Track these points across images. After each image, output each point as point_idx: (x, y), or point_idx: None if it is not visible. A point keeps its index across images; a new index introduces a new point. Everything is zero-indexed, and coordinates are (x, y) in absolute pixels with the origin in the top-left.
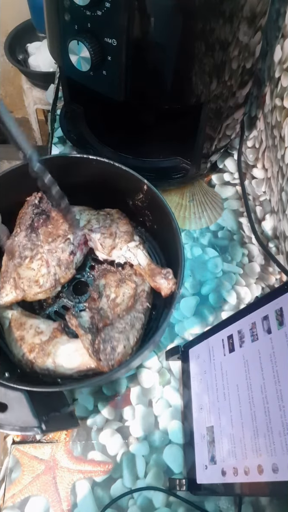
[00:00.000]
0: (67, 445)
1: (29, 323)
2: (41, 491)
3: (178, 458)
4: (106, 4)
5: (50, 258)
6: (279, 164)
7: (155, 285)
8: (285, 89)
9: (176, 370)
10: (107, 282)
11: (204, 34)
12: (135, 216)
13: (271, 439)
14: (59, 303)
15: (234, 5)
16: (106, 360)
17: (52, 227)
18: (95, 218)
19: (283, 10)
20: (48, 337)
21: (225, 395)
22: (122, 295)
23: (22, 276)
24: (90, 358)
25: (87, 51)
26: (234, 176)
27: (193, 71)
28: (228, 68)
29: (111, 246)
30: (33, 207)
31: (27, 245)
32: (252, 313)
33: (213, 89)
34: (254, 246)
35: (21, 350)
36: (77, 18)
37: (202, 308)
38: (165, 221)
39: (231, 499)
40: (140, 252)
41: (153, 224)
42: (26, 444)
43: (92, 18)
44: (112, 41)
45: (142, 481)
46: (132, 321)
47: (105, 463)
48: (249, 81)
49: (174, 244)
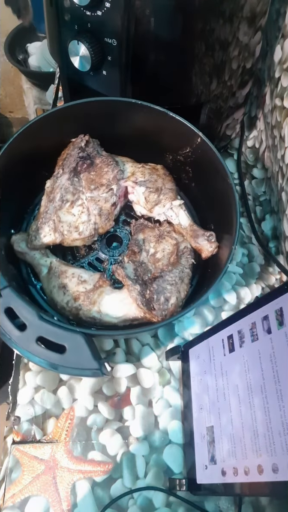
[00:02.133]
0: (67, 445)
1: (71, 272)
2: (41, 491)
3: (178, 458)
4: (106, 4)
5: (91, 207)
6: (279, 164)
7: (196, 246)
8: (285, 89)
9: (176, 370)
10: (146, 237)
11: (204, 34)
12: (171, 172)
13: (271, 439)
14: (93, 254)
15: (234, 5)
16: (160, 310)
17: (95, 174)
18: (141, 172)
19: (283, 10)
20: (92, 286)
21: (225, 395)
22: (162, 251)
23: (62, 220)
24: (138, 307)
25: (87, 51)
26: (234, 176)
27: (193, 71)
28: (228, 68)
29: (155, 202)
30: (78, 150)
31: (69, 189)
32: (252, 313)
33: (213, 89)
34: (254, 246)
35: (65, 297)
36: (77, 18)
37: (202, 308)
38: (216, 178)
39: (231, 499)
40: (183, 212)
41: (191, 182)
42: (26, 444)
43: (92, 18)
44: (112, 41)
45: (142, 481)
46: (182, 276)
47: (105, 463)
48: (249, 81)
49: (227, 202)
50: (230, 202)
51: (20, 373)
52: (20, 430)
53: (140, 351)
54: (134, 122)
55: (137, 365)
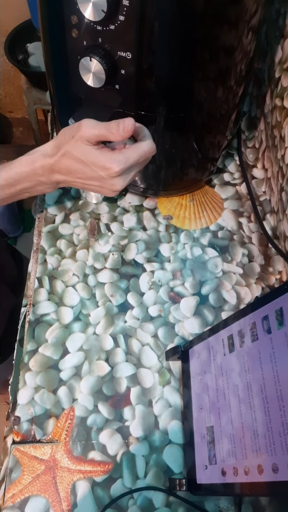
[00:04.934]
0: (67, 445)
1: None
2: (41, 491)
3: (178, 458)
4: (120, 17)
5: None
6: (279, 164)
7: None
8: (285, 89)
9: (176, 370)
10: None
11: (217, 42)
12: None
13: (271, 439)
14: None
15: (241, 11)
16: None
17: None
18: None
19: (283, 10)
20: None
21: (225, 395)
22: None
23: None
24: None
25: (100, 66)
26: (234, 176)
27: (206, 79)
28: (231, 71)
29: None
30: None
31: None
32: (252, 313)
33: (223, 95)
34: (254, 246)
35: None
36: (87, 34)
37: (202, 308)
38: None
39: (231, 499)
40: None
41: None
42: (26, 444)
43: (104, 32)
44: (127, 54)
45: (142, 481)
46: None
47: (105, 463)
48: (244, 80)
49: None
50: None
51: (20, 373)
52: (20, 430)
53: (140, 351)
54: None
55: (138, 365)
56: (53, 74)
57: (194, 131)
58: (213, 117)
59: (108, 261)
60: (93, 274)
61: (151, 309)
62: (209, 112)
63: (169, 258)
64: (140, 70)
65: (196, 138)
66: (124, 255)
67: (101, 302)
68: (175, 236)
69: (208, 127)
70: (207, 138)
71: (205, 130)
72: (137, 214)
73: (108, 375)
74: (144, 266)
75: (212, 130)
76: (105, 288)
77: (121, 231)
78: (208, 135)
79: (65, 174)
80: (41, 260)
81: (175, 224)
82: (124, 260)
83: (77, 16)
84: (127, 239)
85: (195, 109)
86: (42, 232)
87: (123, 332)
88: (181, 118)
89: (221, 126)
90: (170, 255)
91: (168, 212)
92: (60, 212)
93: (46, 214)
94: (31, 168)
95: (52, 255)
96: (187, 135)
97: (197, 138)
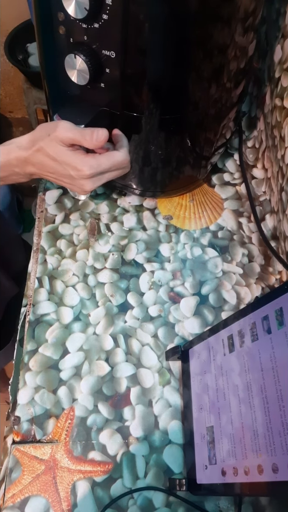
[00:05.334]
0: (67, 445)
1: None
2: (41, 491)
3: (178, 458)
4: (104, 16)
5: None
6: (279, 164)
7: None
8: (285, 89)
9: (176, 370)
10: None
11: (203, 41)
12: None
13: (271, 439)
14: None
15: (232, 9)
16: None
17: None
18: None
19: (283, 10)
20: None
21: (225, 395)
22: None
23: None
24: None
25: (84, 65)
26: (234, 176)
27: (191, 79)
28: (226, 71)
29: None
30: None
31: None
32: (252, 313)
33: (212, 94)
34: (254, 246)
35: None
36: (73, 31)
37: (202, 308)
38: None
39: (231, 499)
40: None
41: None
42: (26, 444)
43: (89, 30)
44: (111, 53)
45: (142, 481)
46: None
47: (105, 463)
48: (243, 80)
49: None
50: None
51: (20, 373)
52: (20, 430)
53: (140, 351)
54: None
55: (138, 365)
56: (45, 70)
57: (182, 132)
58: (198, 118)
59: (108, 261)
60: (93, 274)
61: (150, 309)
62: (193, 114)
63: (169, 258)
64: (125, 69)
65: (183, 140)
66: (124, 255)
67: (101, 302)
68: (175, 236)
69: (196, 129)
70: (196, 138)
71: (193, 132)
72: (137, 214)
73: (108, 375)
74: (144, 266)
75: (200, 132)
76: (105, 288)
77: (121, 231)
78: (197, 137)
79: (38, 168)
80: (41, 260)
81: (175, 224)
82: (124, 260)
83: (64, 13)
84: (127, 239)
85: (180, 110)
86: (42, 232)
87: (123, 332)
88: (168, 120)
89: (211, 128)
90: (170, 255)
91: (168, 212)
92: (60, 212)
93: (46, 214)
94: (6, 159)
95: (52, 255)
96: (175, 136)
97: (184, 140)
